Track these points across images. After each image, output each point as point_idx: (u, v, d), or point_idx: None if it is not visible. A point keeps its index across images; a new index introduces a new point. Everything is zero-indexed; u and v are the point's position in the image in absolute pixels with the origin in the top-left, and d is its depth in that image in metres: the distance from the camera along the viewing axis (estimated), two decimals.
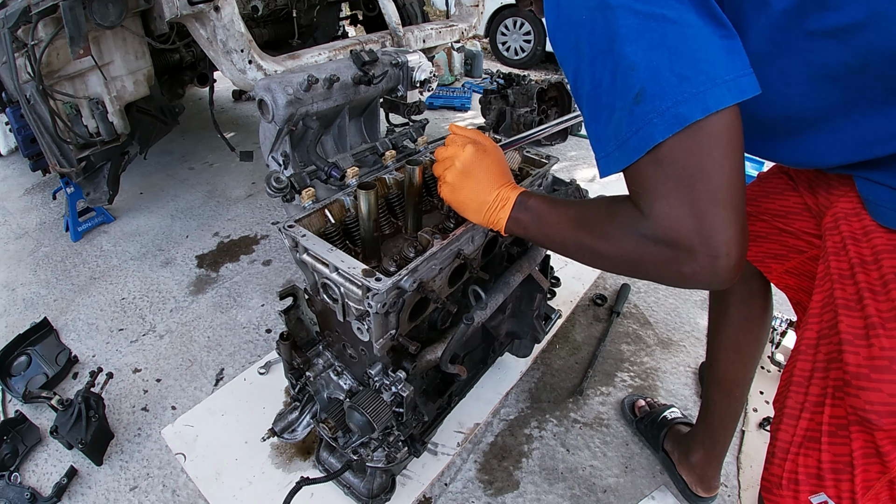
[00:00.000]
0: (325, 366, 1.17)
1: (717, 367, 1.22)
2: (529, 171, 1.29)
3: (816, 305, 0.73)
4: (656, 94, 0.55)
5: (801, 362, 0.74)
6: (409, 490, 1.35)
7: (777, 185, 0.96)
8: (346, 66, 1.37)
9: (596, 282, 2.16)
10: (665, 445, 1.43)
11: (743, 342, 1.17)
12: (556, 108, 3.51)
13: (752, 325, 1.15)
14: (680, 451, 1.38)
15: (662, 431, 1.44)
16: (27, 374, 1.66)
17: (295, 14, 2.69)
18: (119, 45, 1.89)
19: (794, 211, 0.92)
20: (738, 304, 1.14)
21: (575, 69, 0.63)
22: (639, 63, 0.55)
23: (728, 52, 0.56)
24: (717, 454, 1.32)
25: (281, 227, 0.99)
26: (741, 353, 1.18)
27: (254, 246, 2.36)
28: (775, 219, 0.96)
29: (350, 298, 0.93)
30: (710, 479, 1.33)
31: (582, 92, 0.64)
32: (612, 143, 0.61)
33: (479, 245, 1.14)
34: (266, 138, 1.33)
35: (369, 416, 0.94)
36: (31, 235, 2.43)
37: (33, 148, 2.32)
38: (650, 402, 1.58)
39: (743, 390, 1.23)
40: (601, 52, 0.58)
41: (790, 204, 0.92)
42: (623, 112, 0.58)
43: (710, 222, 0.56)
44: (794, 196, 0.92)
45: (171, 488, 1.38)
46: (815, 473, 0.70)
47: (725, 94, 0.54)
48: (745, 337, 1.16)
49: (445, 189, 0.91)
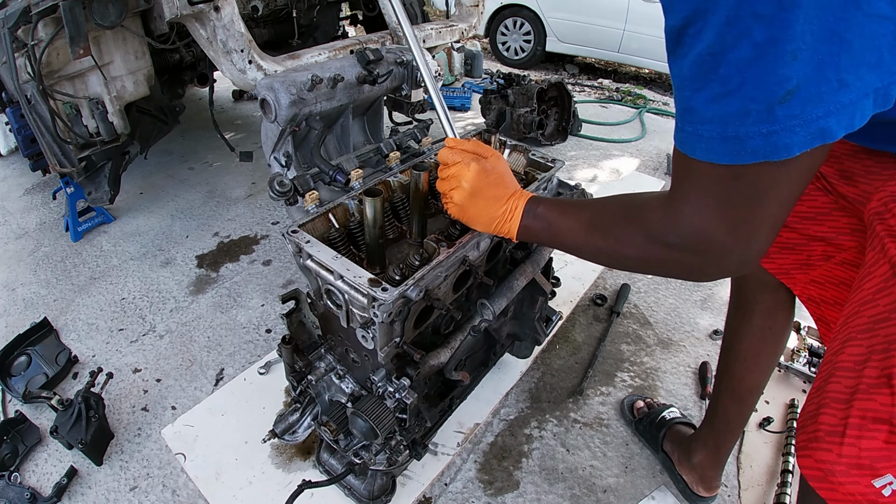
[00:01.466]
0: (326, 369, 1.17)
1: (732, 375, 1.20)
2: (535, 175, 1.28)
3: (869, 290, 0.67)
4: (811, 97, 0.44)
5: (851, 348, 0.66)
6: (409, 490, 1.36)
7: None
8: (350, 65, 1.36)
9: (596, 282, 2.16)
10: (664, 446, 1.43)
11: (762, 352, 1.15)
12: (556, 109, 3.51)
13: (774, 335, 1.13)
14: (681, 452, 1.38)
15: (661, 432, 1.45)
16: (27, 374, 1.66)
17: (295, 14, 2.68)
18: (119, 45, 1.89)
19: (824, 211, 0.88)
20: (763, 314, 1.11)
21: (691, 13, 0.47)
22: (803, 52, 0.42)
23: (891, 50, 0.44)
24: (720, 456, 1.32)
25: (284, 233, 0.98)
26: (759, 363, 1.16)
27: (254, 246, 2.36)
28: (804, 222, 0.92)
29: (355, 306, 0.93)
30: (711, 480, 1.33)
31: (690, 48, 0.48)
32: (715, 127, 0.48)
33: (485, 251, 1.14)
34: (268, 138, 1.32)
35: (373, 422, 0.94)
36: (31, 235, 2.43)
37: (33, 148, 2.31)
38: (649, 402, 1.59)
39: (756, 397, 1.22)
40: (755, 14, 0.43)
41: (819, 204, 0.89)
42: (756, 104, 0.45)
43: (755, 242, 0.52)
44: (823, 196, 0.88)
45: (171, 488, 1.38)
46: (884, 418, 0.59)
47: (869, 108, 0.45)
48: (765, 347, 1.14)
49: (453, 209, 0.91)
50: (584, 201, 0.79)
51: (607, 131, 3.75)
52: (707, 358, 1.82)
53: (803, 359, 1.73)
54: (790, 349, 1.78)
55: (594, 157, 3.35)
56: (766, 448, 1.52)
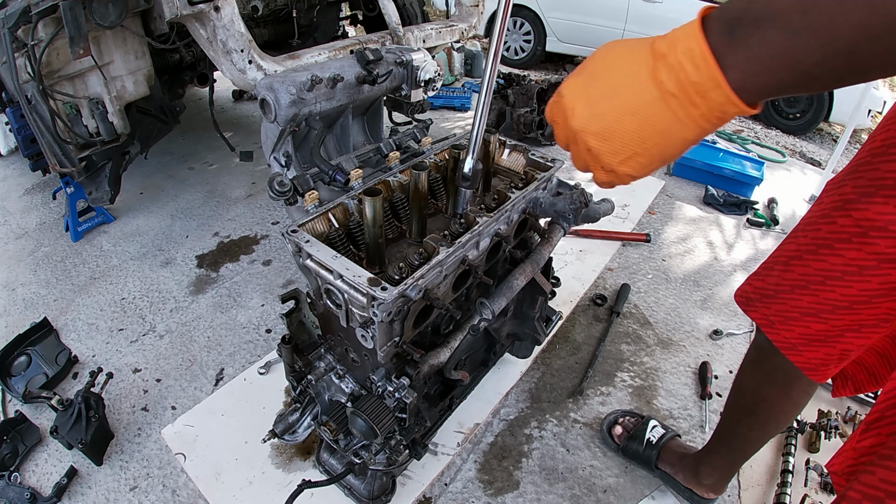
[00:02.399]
0: (326, 369, 1.17)
1: (767, 427, 1.15)
2: (535, 174, 1.28)
3: None
4: None
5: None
6: (409, 490, 1.36)
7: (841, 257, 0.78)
8: (350, 65, 1.36)
9: (596, 282, 2.16)
10: (660, 466, 1.40)
11: (801, 406, 1.11)
12: None
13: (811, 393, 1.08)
14: (686, 473, 1.35)
15: (653, 454, 1.41)
16: (27, 374, 1.66)
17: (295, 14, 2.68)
18: (119, 45, 1.89)
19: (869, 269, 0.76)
20: (804, 387, 1.05)
21: None
22: None
23: None
24: (734, 471, 1.31)
25: (284, 232, 0.98)
26: (795, 413, 1.12)
27: (254, 246, 2.36)
28: (851, 307, 0.80)
29: (354, 305, 0.93)
30: (721, 486, 1.33)
31: None
32: None
33: (484, 250, 1.14)
34: (268, 138, 1.32)
35: (372, 422, 0.94)
36: (31, 235, 2.43)
37: (33, 148, 2.31)
38: (624, 422, 1.52)
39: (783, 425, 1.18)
40: None
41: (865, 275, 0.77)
42: None
43: None
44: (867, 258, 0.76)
45: (171, 488, 1.38)
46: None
47: None
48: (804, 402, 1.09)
49: (578, 121, 0.52)
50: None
51: None
52: (707, 358, 1.82)
53: None
54: None
55: None
56: (766, 448, 1.52)
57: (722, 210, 2.79)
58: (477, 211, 1.12)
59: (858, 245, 0.77)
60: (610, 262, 2.29)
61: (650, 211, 2.74)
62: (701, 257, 2.40)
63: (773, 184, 3.17)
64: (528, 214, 1.28)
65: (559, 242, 1.31)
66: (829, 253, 0.81)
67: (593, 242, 2.39)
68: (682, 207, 2.80)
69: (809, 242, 0.84)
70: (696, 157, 3.03)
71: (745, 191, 2.90)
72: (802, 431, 1.54)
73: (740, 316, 2.05)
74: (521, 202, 1.22)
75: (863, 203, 0.76)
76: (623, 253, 2.38)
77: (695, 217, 2.73)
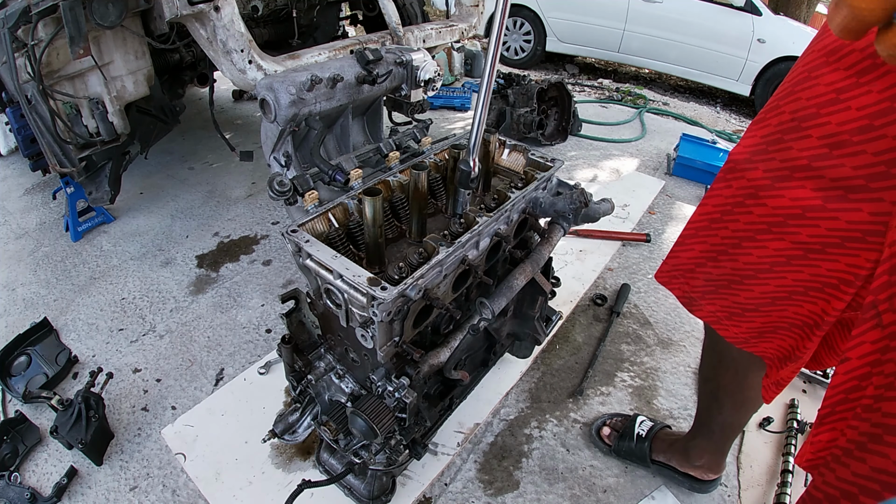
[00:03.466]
0: (326, 369, 1.17)
1: (733, 411, 1.15)
2: (535, 174, 1.29)
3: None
4: None
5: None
6: (409, 490, 1.36)
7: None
8: (350, 65, 1.36)
9: (596, 282, 2.16)
10: (655, 457, 1.41)
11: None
12: (556, 108, 3.51)
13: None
14: (679, 459, 1.36)
15: (645, 446, 1.42)
16: (27, 374, 1.66)
17: (295, 14, 2.68)
18: (119, 45, 1.89)
19: (833, 242, 0.70)
20: (759, 371, 0.99)
21: None
22: None
23: None
24: (724, 451, 1.31)
25: (284, 232, 0.99)
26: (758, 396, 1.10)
27: (254, 246, 2.36)
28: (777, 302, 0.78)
29: (354, 305, 0.93)
30: (717, 466, 1.34)
31: None
32: None
33: (484, 250, 1.14)
34: (268, 138, 1.33)
35: (372, 422, 0.94)
36: (31, 235, 2.43)
37: (33, 148, 2.31)
38: (612, 423, 1.53)
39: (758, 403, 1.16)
40: None
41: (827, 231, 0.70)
42: None
43: None
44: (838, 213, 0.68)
45: (171, 488, 1.38)
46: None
47: None
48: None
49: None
50: None
51: (607, 131, 3.75)
52: None
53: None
54: None
55: (594, 156, 3.35)
56: (766, 448, 1.52)
57: None
58: (477, 211, 1.12)
59: (779, 235, 0.73)
60: (610, 262, 2.29)
61: (650, 211, 2.74)
62: None
63: None
64: (527, 214, 1.28)
65: (559, 242, 1.31)
66: (754, 245, 0.77)
67: (593, 242, 2.39)
68: (683, 207, 2.80)
69: (731, 235, 0.80)
70: (696, 157, 3.03)
71: None
72: (802, 431, 1.54)
73: None
74: (520, 202, 1.22)
75: (777, 189, 0.71)
76: (623, 253, 2.38)
77: None
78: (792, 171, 0.70)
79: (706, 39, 4.99)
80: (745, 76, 4.95)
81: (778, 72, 4.78)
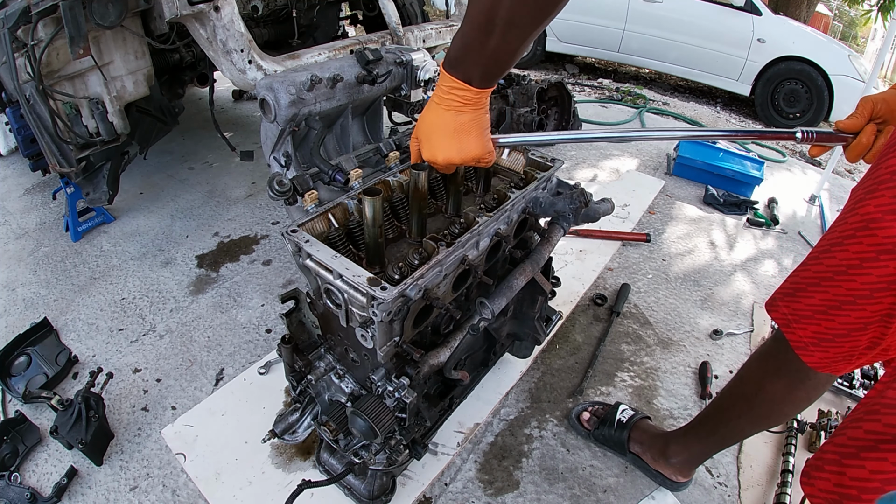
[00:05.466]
0: (326, 369, 1.17)
1: (759, 420, 1.16)
2: (535, 174, 1.28)
3: None
4: None
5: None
6: (409, 490, 1.36)
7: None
8: (350, 65, 1.36)
9: (596, 282, 2.16)
10: (631, 447, 1.41)
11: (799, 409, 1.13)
12: (556, 108, 3.51)
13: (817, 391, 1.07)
14: (654, 452, 1.37)
15: (624, 434, 1.42)
16: (27, 374, 1.66)
17: (295, 14, 2.68)
18: (119, 45, 1.89)
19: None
20: (809, 389, 1.04)
21: None
22: None
23: None
24: (704, 458, 1.33)
25: (284, 232, 0.98)
26: (791, 414, 1.15)
27: (254, 246, 2.36)
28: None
29: (354, 305, 0.93)
30: (689, 470, 1.35)
31: None
32: None
33: (484, 250, 1.14)
34: (268, 138, 1.32)
35: (372, 422, 0.94)
36: (31, 235, 2.43)
37: (33, 148, 2.31)
38: (593, 409, 1.54)
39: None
40: None
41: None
42: None
43: None
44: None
45: (171, 488, 1.38)
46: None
47: None
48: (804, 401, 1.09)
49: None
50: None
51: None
52: (707, 358, 1.82)
53: None
54: None
55: (594, 156, 3.35)
56: (766, 448, 1.52)
57: (722, 210, 2.79)
58: (477, 211, 1.12)
59: (860, 238, 0.79)
60: (610, 262, 2.29)
61: (650, 211, 2.74)
62: (701, 257, 2.40)
63: (773, 184, 3.17)
64: (527, 214, 1.28)
65: (559, 242, 1.31)
66: (839, 249, 0.83)
67: (593, 242, 2.39)
68: (683, 207, 2.80)
69: (824, 243, 0.88)
70: (696, 156, 3.03)
71: (745, 191, 2.90)
72: (802, 431, 1.54)
73: (740, 316, 2.05)
74: (520, 202, 1.22)
75: (867, 199, 0.79)
76: (623, 253, 2.38)
77: (695, 217, 2.73)
78: (879, 183, 0.77)
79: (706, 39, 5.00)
80: (745, 76, 4.95)
81: (778, 72, 4.78)
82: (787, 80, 4.75)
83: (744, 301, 2.13)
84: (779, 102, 4.85)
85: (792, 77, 4.72)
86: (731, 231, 2.64)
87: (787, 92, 4.78)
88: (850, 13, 13.15)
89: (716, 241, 2.54)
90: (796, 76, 4.70)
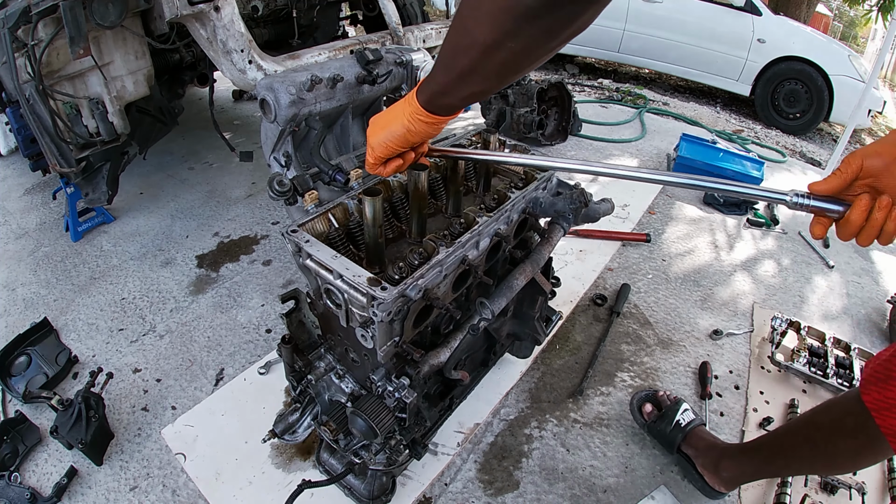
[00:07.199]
0: (326, 369, 1.17)
1: (816, 466, 1.18)
2: (534, 174, 1.28)
3: None
4: None
5: None
6: (409, 490, 1.36)
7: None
8: (350, 65, 1.36)
9: (596, 282, 2.16)
10: (684, 449, 1.41)
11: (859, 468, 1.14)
12: (556, 108, 3.51)
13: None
14: (706, 461, 1.36)
15: (678, 436, 1.42)
16: (27, 374, 1.66)
17: (295, 14, 2.68)
18: (119, 45, 1.89)
19: None
20: (874, 457, 1.03)
21: None
22: None
23: None
24: (753, 479, 1.31)
25: (284, 232, 0.98)
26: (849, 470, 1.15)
27: (254, 246, 2.36)
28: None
29: (354, 305, 0.93)
30: (734, 485, 1.34)
31: None
32: None
33: (484, 250, 1.14)
34: (268, 138, 1.32)
35: (372, 422, 0.94)
36: (31, 235, 2.43)
37: (33, 148, 2.31)
38: (658, 400, 1.54)
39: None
40: None
41: None
42: None
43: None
44: None
45: (171, 488, 1.38)
46: None
47: None
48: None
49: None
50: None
51: (607, 131, 3.75)
52: (707, 358, 1.82)
53: (803, 359, 1.73)
54: (790, 349, 1.78)
55: (594, 157, 3.35)
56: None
57: (722, 210, 2.79)
58: (477, 211, 1.12)
59: None
60: (610, 262, 2.29)
61: (650, 211, 2.74)
62: (701, 257, 2.40)
63: (773, 184, 3.17)
64: (527, 214, 1.28)
65: (559, 242, 1.31)
66: None
67: (593, 242, 2.39)
68: (682, 207, 2.80)
69: None
70: (696, 157, 3.03)
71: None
72: None
73: (740, 316, 2.05)
74: (520, 202, 1.22)
75: None
76: (623, 253, 2.38)
77: (695, 217, 2.73)
78: None
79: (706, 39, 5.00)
80: (745, 76, 4.96)
81: (778, 72, 4.78)
82: (787, 81, 4.75)
83: (744, 301, 2.13)
84: (779, 102, 4.86)
85: (792, 77, 4.72)
86: (731, 231, 2.64)
87: (787, 92, 4.78)
88: (850, 13, 13.16)
89: (716, 241, 2.55)
90: (796, 76, 4.70)
